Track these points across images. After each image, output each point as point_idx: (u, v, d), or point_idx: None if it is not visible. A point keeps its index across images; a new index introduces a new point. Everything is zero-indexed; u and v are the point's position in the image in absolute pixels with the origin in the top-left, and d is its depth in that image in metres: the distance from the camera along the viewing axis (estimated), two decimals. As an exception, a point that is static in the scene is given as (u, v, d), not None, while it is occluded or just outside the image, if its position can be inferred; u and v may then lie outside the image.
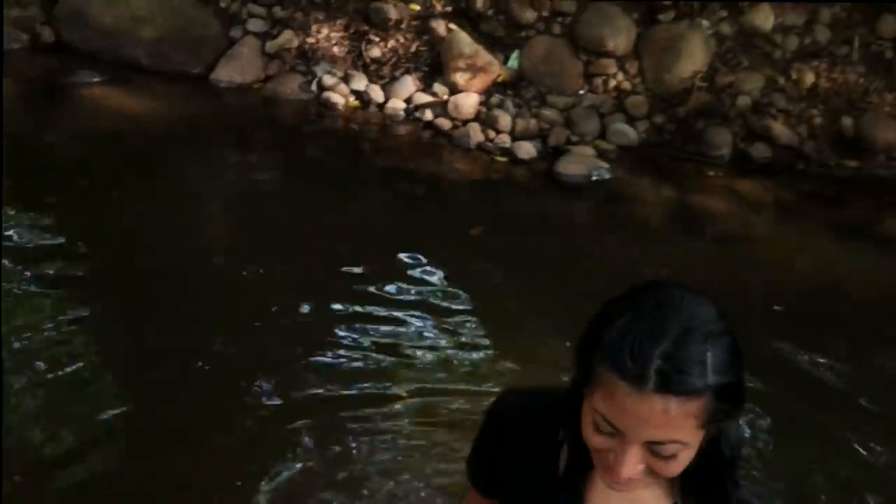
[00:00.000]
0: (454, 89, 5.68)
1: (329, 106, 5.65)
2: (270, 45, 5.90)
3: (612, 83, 5.84)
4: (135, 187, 4.52)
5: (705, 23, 5.93)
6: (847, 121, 5.73)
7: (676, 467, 1.06)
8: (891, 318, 4.09)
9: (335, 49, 5.93)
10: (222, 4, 6.11)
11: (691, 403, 0.98)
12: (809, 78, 5.85)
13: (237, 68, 5.83)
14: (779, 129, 5.71)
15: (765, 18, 5.97)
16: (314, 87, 5.74)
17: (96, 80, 5.66)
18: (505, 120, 5.47)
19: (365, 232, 4.33)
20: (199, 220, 4.43)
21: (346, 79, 5.80)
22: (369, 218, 4.50)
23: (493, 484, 1.31)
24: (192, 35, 5.98)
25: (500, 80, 5.77)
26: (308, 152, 5.42)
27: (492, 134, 5.44)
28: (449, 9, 5.99)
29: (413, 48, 5.92)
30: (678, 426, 1.00)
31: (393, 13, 5.93)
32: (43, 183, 4.44)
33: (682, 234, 4.66)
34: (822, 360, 3.60)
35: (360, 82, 5.78)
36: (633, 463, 1.04)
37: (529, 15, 5.89)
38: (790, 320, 3.87)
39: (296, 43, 5.92)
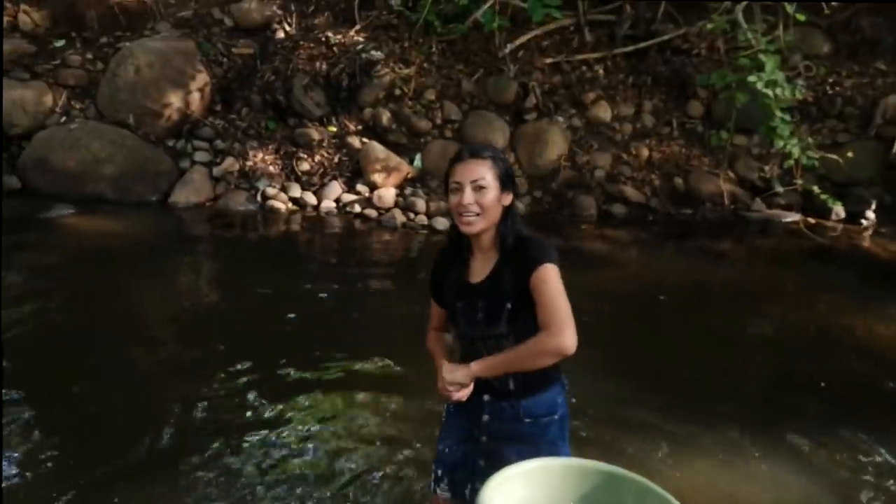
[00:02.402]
0: (373, 187, 7.03)
1: (273, 211, 6.86)
2: (217, 171, 7.11)
3: (498, 170, 7.35)
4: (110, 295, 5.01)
5: (560, 119, 7.62)
6: (678, 180, 7.45)
7: (489, 199, 2.08)
8: (740, 305, 5.51)
9: (271, 168, 7.19)
10: (170, 143, 7.31)
11: (484, 161, 2.10)
12: (645, 152, 7.58)
13: (192, 191, 6.98)
14: (629, 191, 7.35)
15: (604, 112, 7.74)
16: (258, 198, 6.96)
17: (71, 211, 6.61)
18: (421, 204, 6.84)
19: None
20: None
21: (283, 189, 7.05)
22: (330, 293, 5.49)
23: (440, 293, 2.32)
24: (147, 169, 7.11)
25: (409, 176, 7.18)
26: (262, 249, 6.48)
27: (412, 216, 6.79)
28: (360, 127, 7.44)
29: (335, 159, 7.27)
30: (482, 171, 2.09)
31: (315, 135, 7.31)
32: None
33: (569, 268, 5.97)
34: (699, 327, 4.99)
35: (295, 191, 7.05)
36: (468, 194, 2.08)
37: (425, 125, 7.42)
38: (670, 307, 5.28)
39: (237, 167, 7.15)
